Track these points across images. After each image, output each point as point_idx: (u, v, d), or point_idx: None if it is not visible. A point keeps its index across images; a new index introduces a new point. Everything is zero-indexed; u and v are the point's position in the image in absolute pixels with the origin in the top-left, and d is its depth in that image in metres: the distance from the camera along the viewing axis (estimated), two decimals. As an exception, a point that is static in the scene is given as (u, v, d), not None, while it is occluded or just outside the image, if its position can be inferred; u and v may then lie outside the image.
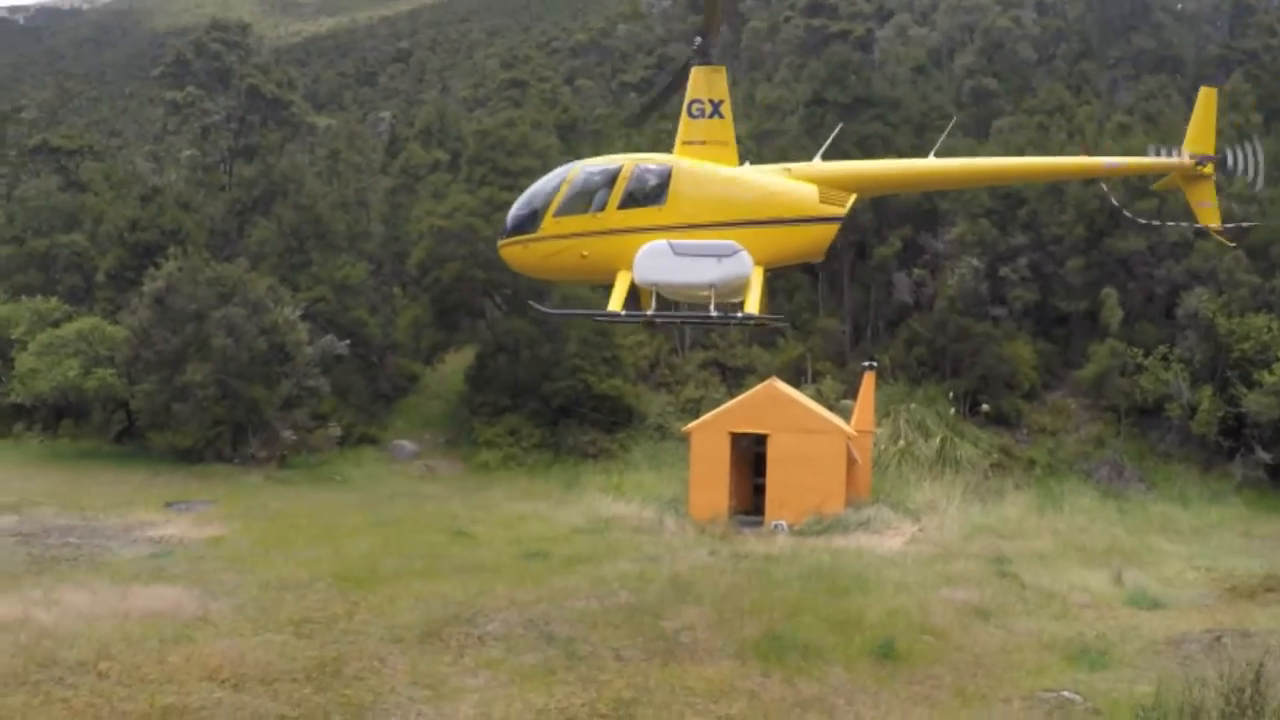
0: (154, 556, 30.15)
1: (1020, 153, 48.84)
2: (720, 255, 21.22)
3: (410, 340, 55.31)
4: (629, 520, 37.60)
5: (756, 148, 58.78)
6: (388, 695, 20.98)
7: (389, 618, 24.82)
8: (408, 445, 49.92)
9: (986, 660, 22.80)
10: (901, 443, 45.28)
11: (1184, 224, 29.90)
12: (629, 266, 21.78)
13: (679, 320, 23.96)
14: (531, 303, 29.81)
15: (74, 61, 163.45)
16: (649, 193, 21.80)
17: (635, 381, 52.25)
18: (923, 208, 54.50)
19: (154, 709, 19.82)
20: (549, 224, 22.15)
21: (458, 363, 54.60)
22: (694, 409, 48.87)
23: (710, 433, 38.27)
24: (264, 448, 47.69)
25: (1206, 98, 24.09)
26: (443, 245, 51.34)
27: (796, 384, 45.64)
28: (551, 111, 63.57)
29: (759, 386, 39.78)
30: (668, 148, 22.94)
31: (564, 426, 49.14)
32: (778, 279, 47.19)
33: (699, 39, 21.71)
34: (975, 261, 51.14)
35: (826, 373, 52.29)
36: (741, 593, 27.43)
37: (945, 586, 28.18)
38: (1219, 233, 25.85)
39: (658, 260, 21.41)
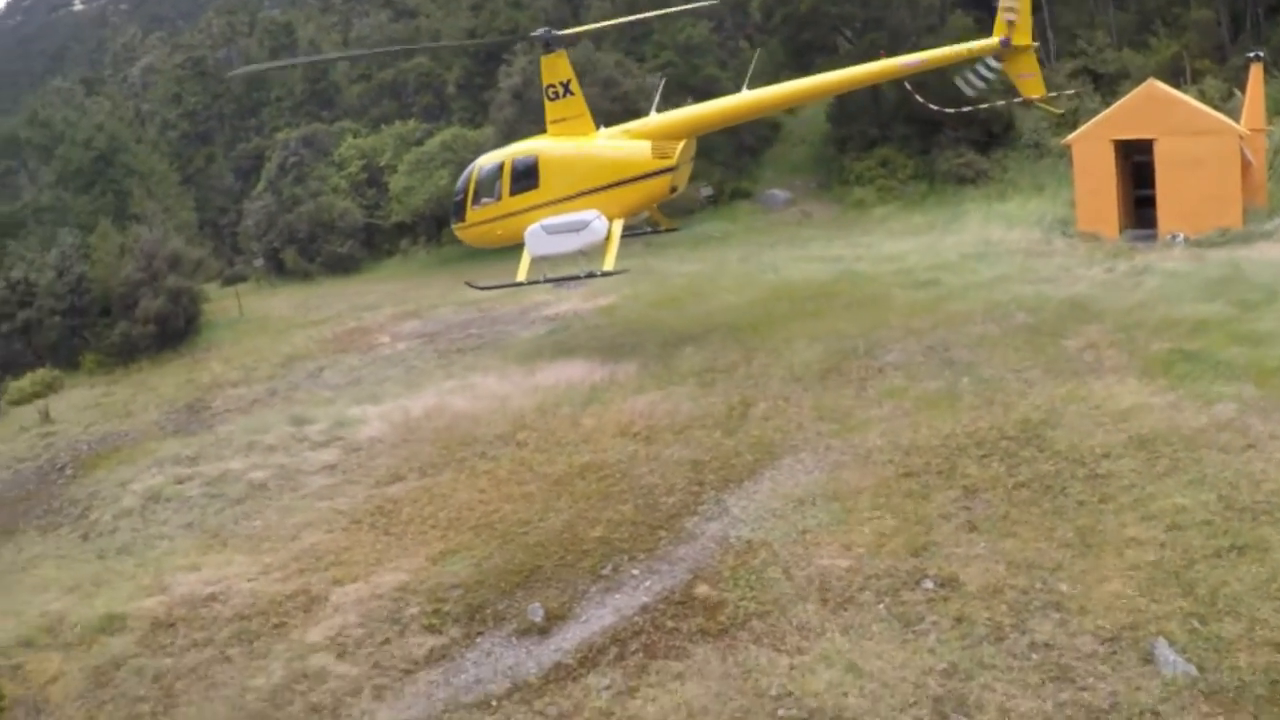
0: (553, 333, 31.35)
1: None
2: (577, 229, 26.25)
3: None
4: (1015, 243, 35.85)
5: None
6: (795, 432, 21.05)
7: (788, 359, 24.81)
8: (780, 194, 48.78)
9: None
10: (1296, 141, 39.86)
11: (1015, 100, 31.05)
12: None
13: (559, 281, 28.42)
14: (467, 281, 32.90)
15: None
16: (527, 179, 27.10)
17: (1005, 96, 48.75)
18: None
19: (573, 468, 20.68)
20: (471, 214, 28.32)
21: (817, 102, 52.77)
22: (1070, 121, 45.03)
23: (1092, 143, 35.41)
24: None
25: None
26: (784, -15, 49.26)
27: (1175, 86, 40.87)
28: None
29: (1138, 89, 35.98)
30: None
31: (936, 152, 46.54)
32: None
33: (546, 29, 27.25)
34: None
35: (1206, 71, 46.37)
36: (1143, 309, 25.84)
37: (1363, 296, 25.22)
38: (1046, 102, 28.71)
39: (537, 239, 26.71)
